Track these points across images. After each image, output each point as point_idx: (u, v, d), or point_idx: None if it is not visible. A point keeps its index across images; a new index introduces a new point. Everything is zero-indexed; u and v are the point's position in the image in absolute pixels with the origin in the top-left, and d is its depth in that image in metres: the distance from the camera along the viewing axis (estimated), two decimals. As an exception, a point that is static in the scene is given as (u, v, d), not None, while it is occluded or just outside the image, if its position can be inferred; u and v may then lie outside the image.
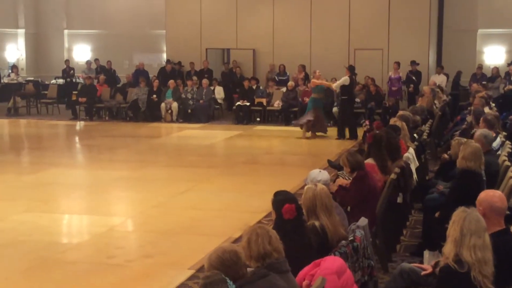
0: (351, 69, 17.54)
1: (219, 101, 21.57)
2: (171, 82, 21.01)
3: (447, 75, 21.14)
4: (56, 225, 9.31)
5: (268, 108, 20.65)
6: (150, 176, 12.40)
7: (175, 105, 20.59)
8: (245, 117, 20.21)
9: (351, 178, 7.23)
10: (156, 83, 21.21)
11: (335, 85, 17.48)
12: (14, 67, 25.22)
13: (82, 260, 7.60)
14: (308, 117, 17.15)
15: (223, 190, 11.19)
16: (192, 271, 7.04)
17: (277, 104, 20.51)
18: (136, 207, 10.24)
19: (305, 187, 5.56)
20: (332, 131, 17.44)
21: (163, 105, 20.68)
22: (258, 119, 20.79)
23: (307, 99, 19.80)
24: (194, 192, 11.14)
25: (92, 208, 10.20)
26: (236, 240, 7.83)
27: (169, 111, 20.64)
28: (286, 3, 22.40)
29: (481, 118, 10.17)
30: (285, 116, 20.24)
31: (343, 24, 21.80)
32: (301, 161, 14.52)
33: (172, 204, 10.29)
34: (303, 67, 21.75)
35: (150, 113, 20.76)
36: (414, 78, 20.51)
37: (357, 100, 19.77)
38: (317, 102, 17.41)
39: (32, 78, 25.63)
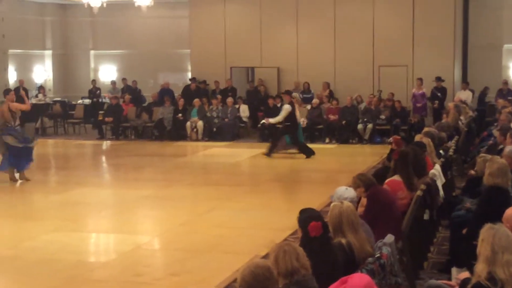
0: (289, 93, 17.72)
1: (244, 119, 21.64)
2: (196, 100, 21.14)
3: (472, 91, 21.03)
4: (84, 244, 9.39)
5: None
6: (176, 195, 12.47)
7: (200, 123, 20.70)
8: (270, 135, 20.23)
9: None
10: (181, 102, 21.34)
11: (278, 119, 17.39)
12: (41, 88, 25.54)
13: (110, 278, 7.65)
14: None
15: (248, 208, 11.21)
16: (219, 289, 7.07)
17: (302, 121, 20.51)
18: (163, 225, 10.30)
19: (331, 205, 5.57)
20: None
21: (188, 123, 20.80)
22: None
23: (332, 117, 19.85)
24: (220, 210, 11.18)
25: (119, 227, 10.28)
26: (263, 258, 7.83)
27: (195, 130, 20.75)
28: (310, 21, 22.46)
29: (508, 134, 10.12)
30: (310, 134, 20.24)
31: (367, 41, 21.82)
32: (326, 178, 14.50)
33: (198, 222, 10.34)
34: (328, 84, 21.79)
35: (176, 132, 20.88)
36: (439, 94, 20.45)
37: (382, 117, 19.77)
38: None
39: (59, 99, 25.92)
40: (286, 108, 17.02)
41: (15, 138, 13.24)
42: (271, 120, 17.76)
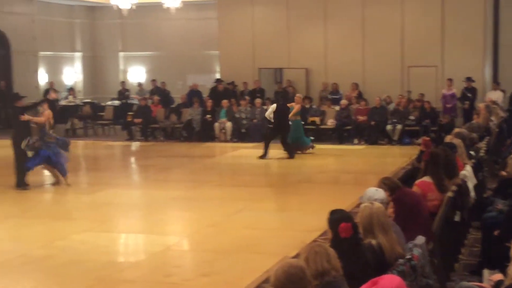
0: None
1: (273, 120, 21.59)
2: (224, 102, 21.19)
3: (503, 91, 20.80)
4: (114, 244, 9.46)
5: (322, 126, 20.63)
6: (205, 196, 12.51)
7: (229, 124, 20.74)
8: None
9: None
10: (209, 103, 21.40)
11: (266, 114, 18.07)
12: (71, 90, 25.79)
13: (140, 279, 7.70)
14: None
15: (277, 209, 11.23)
16: (248, 290, 7.08)
17: (330, 122, 20.49)
18: (192, 226, 10.34)
19: (362, 206, 5.54)
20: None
21: (217, 124, 20.85)
22: (311, 137, 20.73)
23: (361, 118, 19.78)
24: (249, 211, 11.19)
25: (148, 227, 10.34)
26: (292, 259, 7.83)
27: (223, 131, 20.79)
28: (338, 21, 22.41)
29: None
30: (339, 135, 20.19)
31: (396, 41, 21.71)
32: (355, 179, 14.46)
33: (228, 223, 10.35)
34: (356, 85, 21.71)
35: (204, 133, 20.95)
36: (469, 94, 20.25)
37: (411, 117, 19.64)
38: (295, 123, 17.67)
39: (88, 100, 26.14)
40: (272, 106, 17.62)
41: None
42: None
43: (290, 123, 17.43)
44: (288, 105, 17.86)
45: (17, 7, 25.03)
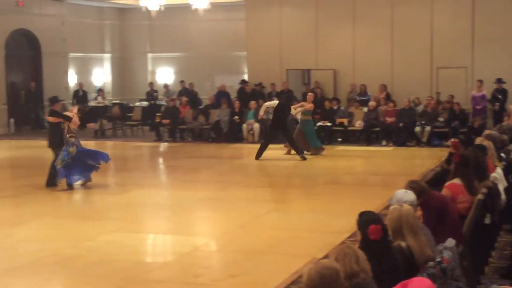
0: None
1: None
2: (252, 103, 21.21)
3: (534, 93, 20.59)
4: (143, 245, 9.51)
5: (350, 128, 20.57)
6: (233, 197, 12.53)
7: (256, 126, 20.75)
8: (326, 138, 20.19)
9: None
10: (237, 104, 21.44)
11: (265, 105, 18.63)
12: (100, 91, 26.00)
13: (169, 279, 7.73)
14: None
15: (305, 211, 11.19)
16: (277, 291, 7.07)
17: (358, 124, 20.42)
18: (220, 227, 10.36)
19: (391, 208, 5.51)
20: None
21: (244, 126, 20.88)
22: (339, 139, 20.71)
23: (389, 119, 19.67)
24: (277, 212, 11.20)
25: (177, 228, 10.37)
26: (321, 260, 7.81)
27: (251, 132, 20.81)
28: (367, 22, 22.33)
29: None
30: (367, 136, 20.12)
31: (425, 42, 21.58)
32: (383, 181, 14.39)
33: (256, 224, 10.36)
34: (385, 86, 21.62)
35: (232, 134, 20.98)
36: (500, 96, 20.06)
37: (440, 119, 19.50)
38: (303, 123, 17.83)
39: (117, 101, 26.34)
40: (273, 102, 17.94)
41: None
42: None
43: (298, 120, 17.86)
44: (292, 106, 17.90)
45: (47, 9, 25.30)
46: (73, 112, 13.53)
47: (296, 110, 18.09)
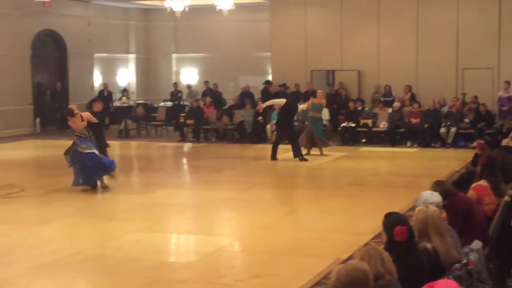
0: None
1: (324, 122, 21.51)
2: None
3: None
4: (167, 244, 9.54)
5: (374, 129, 20.48)
6: (257, 197, 12.53)
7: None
8: (350, 139, 20.12)
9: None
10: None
11: (268, 102, 18.65)
12: (125, 91, 26.13)
13: (193, 279, 7.74)
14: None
15: (329, 212, 11.16)
16: (301, 292, 7.05)
17: (383, 125, 20.32)
18: (244, 227, 10.35)
19: (417, 209, 5.48)
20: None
21: (268, 126, 20.86)
22: (363, 140, 20.63)
23: (414, 120, 19.56)
24: (301, 213, 11.18)
25: (200, 228, 10.39)
26: (344, 262, 7.78)
27: (275, 133, 20.75)
28: (392, 23, 22.22)
29: None
30: (391, 137, 20.02)
31: (451, 42, 21.42)
32: (408, 182, 14.29)
33: (279, 225, 10.35)
34: (409, 87, 21.50)
35: (256, 134, 20.98)
36: (526, 97, 19.88)
37: (466, 120, 19.35)
38: (312, 120, 17.78)
39: (142, 101, 26.46)
40: (281, 100, 17.94)
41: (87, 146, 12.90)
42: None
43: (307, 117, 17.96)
44: (299, 105, 17.97)
45: (73, 10, 25.48)
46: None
47: (302, 105, 18.14)
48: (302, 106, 18.18)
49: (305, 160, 16.84)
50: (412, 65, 21.92)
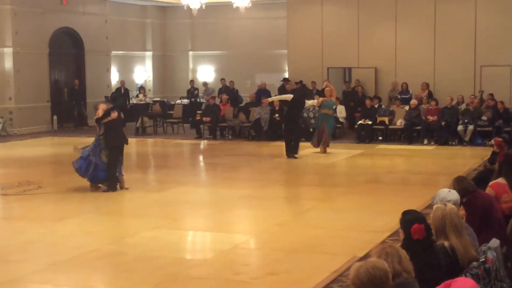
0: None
1: (341, 120, 21.52)
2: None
3: None
4: (183, 241, 9.55)
5: (391, 127, 20.39)
6: (273, 195, 12.52)
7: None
8: (367, 136, 20.07)
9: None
10: (277, 102, 21.38)
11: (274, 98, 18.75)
12: (141, 88, 26.19)
13: (209, 276, 7.75)
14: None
15: (345, 209, 11.14)
16: (317, 289, 7.04)
17: (399, 122, 20.24)
18: (260, 225, 10.36)
19: (434, 207, 5.45)
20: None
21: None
22: (380, 138, 20.56)
23: (431, 118, 19.46)
24: (317, 211, 11.16)
25: (217, 225, 10.40)
26: (360, 260, 7.76)
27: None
28: (409, 20, 22.13)
29: None
30: (408, 135, 19.94)
31: (469, 40, 21.30)
32: (424, 180, 14.25)
33: (295, 222, 10.34)
34: (427, 85, 21.41)
35: (272, 132, 20.95)
36: (545, 95, 19.73)
37: (484, 118, 19.23)
38: (324, 117, 17.72)
39: (158, 99, 26.53)
40: (288, 95, 18.00)
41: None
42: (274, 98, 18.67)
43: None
44: (307, 100, 18.03)
45: (90, 8, 25.58)
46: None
47: (309, 102, 18.24)
48: (310, 102, 18.12)
49: (295, 157, 16.85)
50: (430, 62, 21.82)
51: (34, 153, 18.87)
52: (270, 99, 18.82)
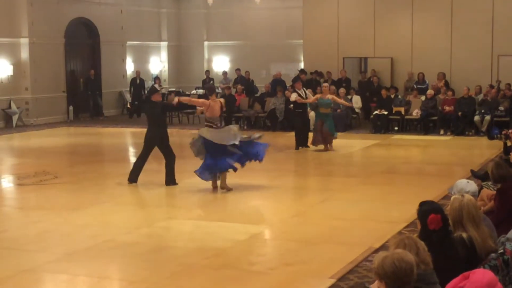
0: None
1: (357, 110, 21.44)
2: (309, 91, 21.03)
3: None
4: (199, 232, 9.52)
5: (407, 117, 20.29)
6: (289, 185, 12.51)
7: (312, 114, 20.58)
8: (382, 126, 19.98)
9: (495, 189, 6.98)
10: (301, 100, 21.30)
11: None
12: (157, 78, 26.21)
13: (225, 266, 7.74)
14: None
15: (361, 200, 11.10)
16: (333, 280, 7.01)
17: (415, 113, 20.13)
18: (276, 215, 10.35)
19: (452, 198, 5.41)
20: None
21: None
22: (396, 128, 20.46)
23: (447, 108, 19.34)
24: (333, 201, 11.13)
25: (232, 216, 10.38)
26: (377, 251, 7.74)
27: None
28: (426, 9, 21.96)
29: None
30: (424, 125, 19.83)
31: (486, 29, 21.12)
32: (440, 170, 14.17)
33: (311, 213, 10.32)
34: (443, 75, 21.27)
35: (288, 122, 20.90)
36: None
37: (501, 108, 19.09)
38: (321, 116, 16.63)
39: (174, 89, 26.52)
40: (293, 95, 17.28)
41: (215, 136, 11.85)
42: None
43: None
44: (292, 93, 17.52)
45: (106, -2, 25.61)
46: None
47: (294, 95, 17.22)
48: (294, 96, 17.24)
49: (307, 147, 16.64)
50: (446, 52, 21.67)
51: (50, 143, 18.95)
52: (299, 100, 17.95)
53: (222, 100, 12.60)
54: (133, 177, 12.49)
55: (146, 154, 12.63)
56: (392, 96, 20.66)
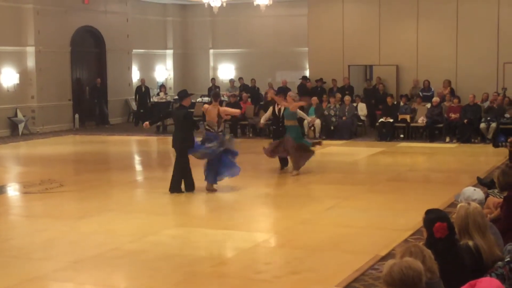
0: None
1: (362, 117, 21.44)
2: (314, 99, 21.09)
3: None
4: (205, 240, 9.51)
5: (412, 124, 20.27)
6: (294, 193, 12.49)
7: (318, 122, 20.64)
8: (388, 134, 19.96)
9: (502, 197, 6.96)
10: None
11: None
12: (162, 87, 26.23)
13: (231, 275, 7.74)
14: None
15: (367, 208, 11.08)
16: (339, 288, 7.01)
17: (421, 120, 20.12)
18: (282, 223, 10.33)
19: (458, 205, 5.40)
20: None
21: (306, 122, 20.75)
22: (401, 135, 20.44)
23: (453, 115, 19.32)
24: (339, 209, 11.11)
25: (238, 224, 10.36)
26: (383, 259, 7.73)
27: (312, 128, 20.72)
28: (431, 17, 21.98)
29: None
30: (430, 133, 19.81)
31: (491, 36, 21.11)
32: (447, 178, 14.14)
33: (317, 221, 10.30)
34: (449, 82, 21.26)
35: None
36: None
37: (507, 115, 19.06)
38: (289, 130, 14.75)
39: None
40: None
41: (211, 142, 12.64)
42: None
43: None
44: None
45: (112, 7, 25.67)
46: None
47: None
48: (262, 119, 16.46)
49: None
50: (452, 59, 21.66)
51: (56, 151, 18.98)
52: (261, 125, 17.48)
53: (221, 108, 12.71)
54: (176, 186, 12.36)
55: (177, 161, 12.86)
56: (401, 104, 20.61)
